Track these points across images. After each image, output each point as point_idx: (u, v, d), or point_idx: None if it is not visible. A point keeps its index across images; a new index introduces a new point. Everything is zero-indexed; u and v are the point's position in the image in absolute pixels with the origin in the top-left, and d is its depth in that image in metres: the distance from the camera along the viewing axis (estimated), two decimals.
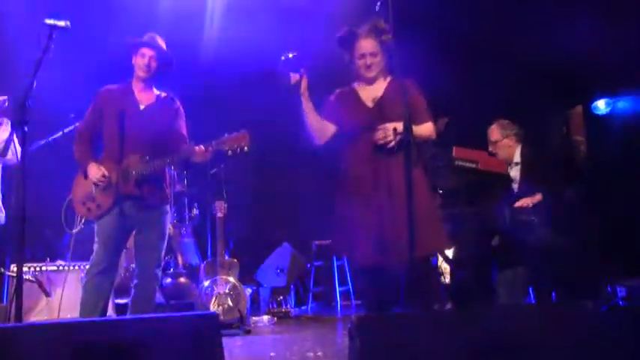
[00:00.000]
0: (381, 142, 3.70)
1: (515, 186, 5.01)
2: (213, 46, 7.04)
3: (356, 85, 3.98)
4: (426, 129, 3.87)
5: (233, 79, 6.91)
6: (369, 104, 3.90)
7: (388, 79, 3.94)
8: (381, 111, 3.71)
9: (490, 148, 5.12)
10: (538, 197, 4.78)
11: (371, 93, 3.93)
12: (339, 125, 3.94)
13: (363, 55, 3.89)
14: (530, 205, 4.77)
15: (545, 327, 2.60)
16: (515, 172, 5.02)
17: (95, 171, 4.17)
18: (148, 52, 4.29)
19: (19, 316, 3.03)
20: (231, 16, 6.94)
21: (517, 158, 5.02)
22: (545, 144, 5.68)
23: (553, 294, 4.89)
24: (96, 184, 4.16)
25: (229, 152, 4.06)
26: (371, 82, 3.93)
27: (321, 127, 3.91)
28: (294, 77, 3.70)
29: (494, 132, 5.13)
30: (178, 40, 4.72)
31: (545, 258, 4.61)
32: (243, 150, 4.05)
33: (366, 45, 3.87)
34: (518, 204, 4.81)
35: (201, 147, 4.09)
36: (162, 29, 4.57)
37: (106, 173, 4.15)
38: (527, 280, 4.90)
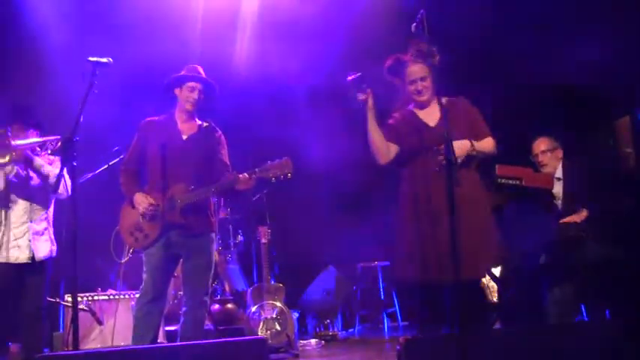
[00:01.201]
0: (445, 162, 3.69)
1: (558, 202, 4.93)
2: (244, 70, 7.17)
3: (412, 107, 4.02)
4: (488, 143, 3.89)
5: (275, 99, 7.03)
6: (431, 124, 3.92)
7: (443, 100, 3.95)
8: (441, 131, 3.71)
9: (538, 159, 4.99)
10: (584, 214, 4.69)
11: (429, 115, 3.97)
12: (401, 145, 3.97)
13: (413, 81, 3.94)
14: (578, 221, 4.69)
15: (598, 344, 2.57)
16: (557, 188, 4.93)
17: (142, 199, 4.25)
18: (196, 85, 4.37)
19: (76, 344, 3.10)
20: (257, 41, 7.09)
21: (559, 174, 4.94)
22: (591, 157, 5.57)
23: (607, 311, 4.79)
24: (143, 214, 4.25)
25: (273, 179, 4.11)
26: (424, 105, 3.97)
27: (385, 147, 3.94)
28: (361, 96, 3.74)
29: (543, 143, 5.02)
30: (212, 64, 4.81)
31: (597, 274, 4.52)
32: (287, 177, 4.09)
33: (416, 70, 3.91)
34: (564, 220, 4.74)
35: (245, 175, 4.14)
36: (196, 59, 4.66)
37: (153, 202, 4.24)
38: (578, 297, 4.80)
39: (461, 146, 3.72)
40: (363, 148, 6.40)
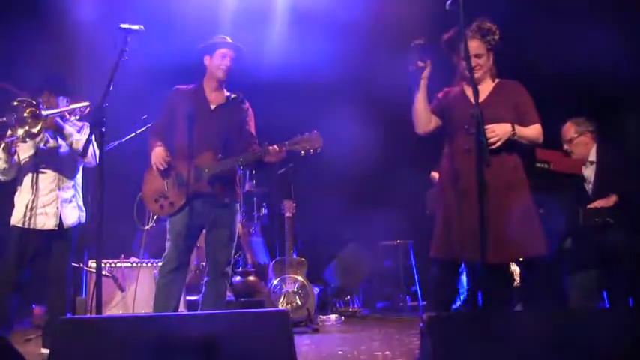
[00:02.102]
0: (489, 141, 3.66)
1: (589, 186, 4.86)
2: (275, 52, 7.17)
3: (464, 84, 3.98)
4: (534, 130, 3.83)
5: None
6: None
7: (496, 80, 3.92)
8: (486, 111, 3.66)
9: (565, 147, 4.95)
10: (613, 199, 4.62)
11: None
12: (443, 120, 3.96)
13: (469, 57, 3.88)
14: (605, 207, 4.62)
15: (617, 331, 2.54)
16: (589, 172, 4.86)
17: (159, 153, 4.27)
18: (228, 52, 4.37)
19: (99, 309, 3.14)
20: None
21: (592, 157, 4.85)
22: (622, 144, 5.47)
23: (630, 299, 4.73)
24: (157, 168, 4.25)
25: (302, 153, 4.10)
26: (477, 83, 3.87)
27: (427, 117, 3.93)
28: (420, 63, 3.74)
29: (569, 130, 4.97)
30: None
31: (622, 261, 4.46)
32: (316, 151, 4.08)
33: (474, 47, 3.85)
34: (592, 205, 4.68)
35: (275, 147, 4.13)
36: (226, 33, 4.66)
37: (168, 158, 4.25)
38: (600, 283, 4.76)
39: (501, 129, 3.69)
40: (384, 130, 6.40)
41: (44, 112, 4.30)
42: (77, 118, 4.71)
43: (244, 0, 6.92)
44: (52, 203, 4.55)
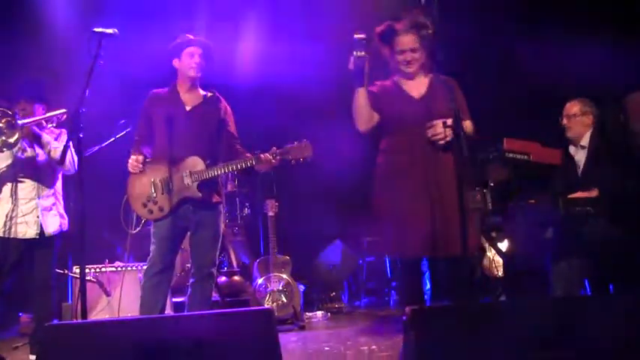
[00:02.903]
0: (434, 138, 3.70)
1: (579, 170, 4.84)
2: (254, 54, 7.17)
3: (397, 78, 3.98)
4: (468, 126, 3.86)
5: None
6: (416, 97, 3.89)
7: (429, 75, 3.92)
8: (428, 106, 3.71)
9: (564, 122, 4.89)
10: (594, 193, 4.64)
11: (414, 87, 3.93)
12: (382, 115, 3.94)
13: (402, 51, 3.88)
14: (585, 197, 4.65)
15: (599, 318, 2.57)
16: (580, 156, 4.83)
17: (131, 162, 4.29)
18: (196, 50, 4.34)
19: (84, 314, 3.14)
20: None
21: (585, 142, 4.83)
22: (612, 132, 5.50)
23: (610, 286, 4.78)
24: (149, 180, 4.26)
25: (292, 162, 4.13)
26: (411, 77, 3.93)
27: (369, 113, 3.91)
28: (359, 54, 3.69)
29: (574, 106, 4.87)
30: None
31: (603, 250, 4.51)
32: (307, 160, 4.11)
33: (406, 40, 3.85)
34: (572, 196, 4.71)
35: (268, 155, 4.14)
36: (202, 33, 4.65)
37: (140, 158, 4.26)
38: (582, 272, 4.80)
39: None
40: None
41: (20, 122, 4.28)
42: (54, 125, 4.69)
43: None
44: (32, 212, 4.53)
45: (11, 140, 4.27)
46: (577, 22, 6.18)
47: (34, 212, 4.54)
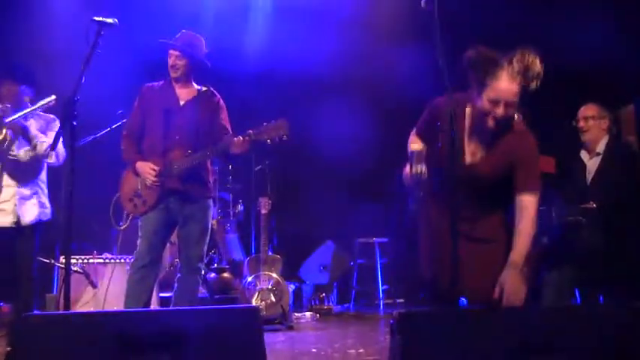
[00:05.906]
0: None
1: (589, 176, 4.78)
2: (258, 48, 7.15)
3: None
4: None
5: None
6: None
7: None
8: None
9: (580, 124, 4.81)
10: (591, 205, 4.59)
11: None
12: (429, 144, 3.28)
13: (497, 102, 2.96)
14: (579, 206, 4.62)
15: (590, 328, 2.55)
16: (593, 163, 4.76)
17: (143, 168, 4.24)
18: (172, 52, 4.35)
19: (67, 306, 3.09)
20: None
21: (600, 149, 4.76)
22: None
23: (600, 296, 4.77)
24: (147, 182, 4.23)
25: (268, 141, 4.05)
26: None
27: None
28: (420, 169, 3.08)
29: (592, 108, 4.77)
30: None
31: (593, 259, 4.49)
32: (282, 139, 4.03)
33: (509, 90, 2.95)
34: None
35: (240, 138, 4.10)
36: (206, 27, 4.63)
37: (156, 168, 4.22)
38: (573, 281, 4.78)
39: None
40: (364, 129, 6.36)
41: (6, 120, 4.28)
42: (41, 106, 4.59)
43: None
44: (10, 199, 4.49)
45: None
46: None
47: (12, 200, 4.49)
